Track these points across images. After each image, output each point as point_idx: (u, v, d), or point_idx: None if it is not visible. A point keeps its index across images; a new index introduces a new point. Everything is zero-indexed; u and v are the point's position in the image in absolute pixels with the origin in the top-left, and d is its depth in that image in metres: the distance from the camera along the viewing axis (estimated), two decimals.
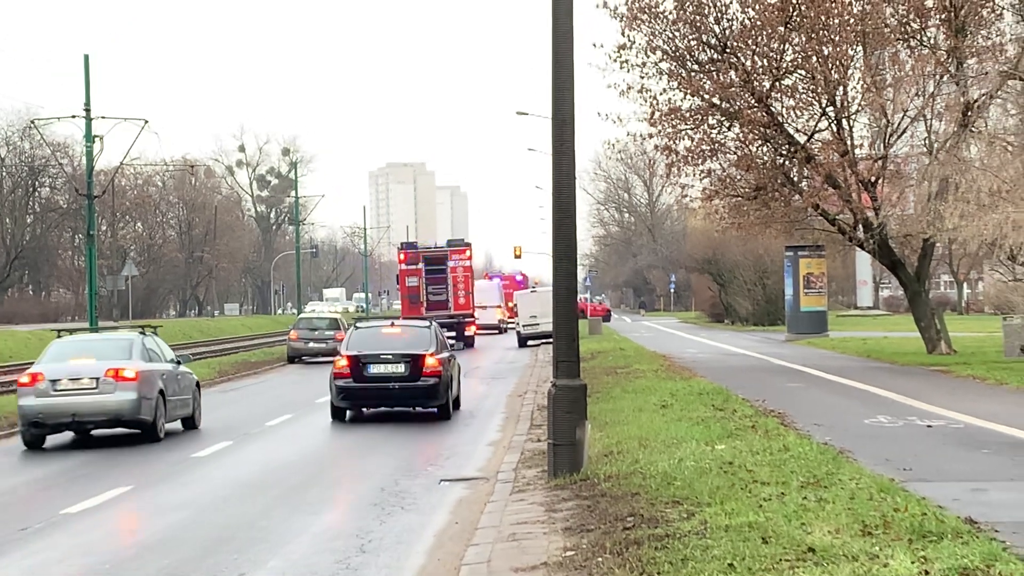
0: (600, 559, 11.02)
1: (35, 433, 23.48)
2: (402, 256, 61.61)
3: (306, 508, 15.91)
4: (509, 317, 79.71)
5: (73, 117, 51.25)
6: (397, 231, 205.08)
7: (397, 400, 27.56)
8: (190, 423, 26.16)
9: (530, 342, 63.33)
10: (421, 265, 60.16)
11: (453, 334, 55.76)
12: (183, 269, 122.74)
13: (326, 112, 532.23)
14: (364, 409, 28.31)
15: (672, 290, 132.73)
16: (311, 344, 52.16)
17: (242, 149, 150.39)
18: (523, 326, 65.63)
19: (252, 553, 13.11)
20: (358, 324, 30.07)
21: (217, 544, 13.66)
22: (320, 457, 21.85)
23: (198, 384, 27.16)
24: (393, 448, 22.69)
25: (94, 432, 24.44)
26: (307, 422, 27.71)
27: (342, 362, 27.20)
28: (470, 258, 62.33)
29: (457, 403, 29.31)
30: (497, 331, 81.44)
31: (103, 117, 51.38)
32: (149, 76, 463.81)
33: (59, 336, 26.21)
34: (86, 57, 49.26)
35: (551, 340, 17.13)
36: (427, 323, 30.05)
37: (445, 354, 28.45)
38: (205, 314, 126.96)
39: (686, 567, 10.32)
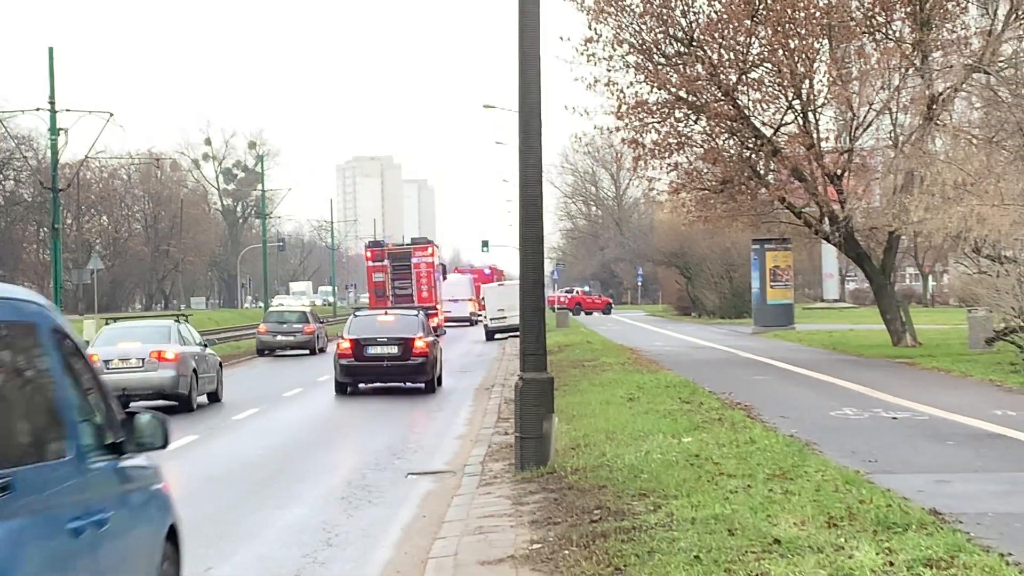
0: (567, 552, 11.03)
1: None
2: (369, 254, 65.75)
3: (273, 502, 15.89)
4: (479, 310, 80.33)
5: (37, 110, 50.88)
6: (364, 225, 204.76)
7: (391, 376, 32.10)
8: (215, 397, 30.52)
9: (497, 335, 63.36)
10: (387, 262, 64.01)
11: None
12: (149, 263, 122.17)
13: (293, 105, 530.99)
14: (361, 384, 32.39)
15: (639, 283, 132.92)
16: (279, 337, 52.28)
17: (208, 142, 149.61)
18: (491, 319, 65.69)
19: (219, 547, 13.08)
20: (357, 313, 36.25)
21: (183, 538, 13.60)
22: (287, 451, 21.81)
23: (220, 364, 31.83)
24: (360, 442, 22.68)
25: None
26: (274, 416, 27.65)
27: (345, 344, 31.79)
28: (432, 255, 65.51)
29: (440, 380, 33.70)
30: (468, 323, 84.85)
31: (68, 110, 51.01)
32: (114, 69, 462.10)
33: (107, 324, 30.88)
34: (50, 50, 48.93)
35: (519, 333, 17.17)
36: (415, 312, 35.42)
37: (431, 338, 32.87)
38: (171, 307, 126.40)
39: (652, 559, 10.34)
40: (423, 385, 32.03)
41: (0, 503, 5.94)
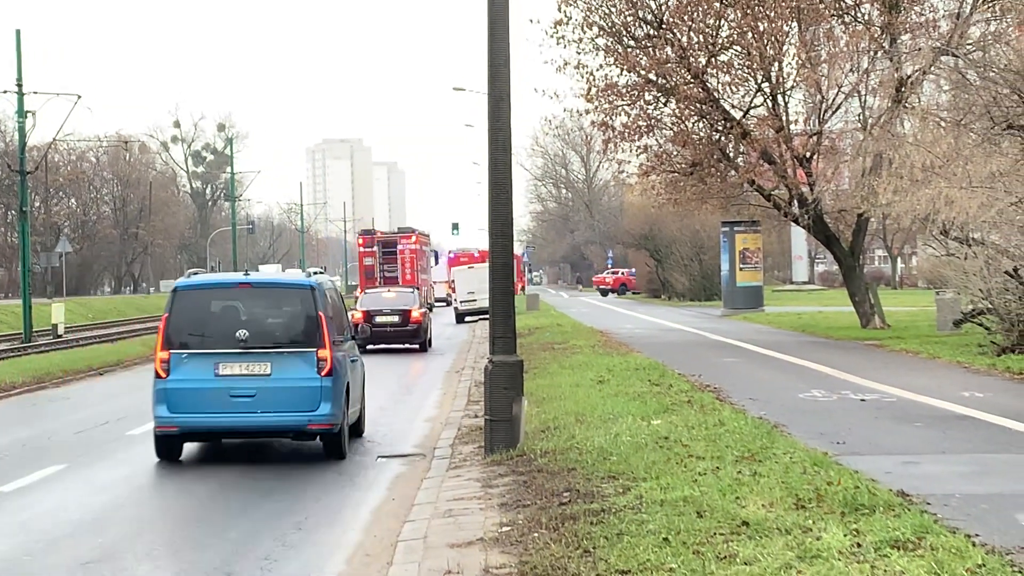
0: (536, 534, 11.04)
1: None
2: (361, 240, 74.43)
3: (242, 486, 15.85)
4: (452, 292, 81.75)
5: (4, 92, 50.59)
6: (334, 207, 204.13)
7: (393, 339, 40.79)
8: None
9: (467, 318, 63.38)
10: (376, 248, 71.95)
11: None
12: (118, 246, 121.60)
13: (262, 88, 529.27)
14: (369, 346, 39.05)
15: (609, 265, 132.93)
16: None
17: (177, 125, 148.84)
18: (460, 302, 65.73)
19: (187, 531, 13.05)
20: (367, 291, 46.73)
21: (152, 523, 13.58)
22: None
23: None
24: None
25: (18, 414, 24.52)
26: None
27: (358, 315, 39.98)
28: (416, 242, 73.31)
29: (430, 342, 43.03)
30: (446, 303, 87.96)
31: (35, 92, 50.81)
32: (82, 51, 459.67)
33: None
34: (17, 32, 48.64)
35: (488, 316, 17.18)
36: (411, 289, 45.29)
37: (424, 309, 42.40)
38: (141, 291, 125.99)
39: (621, 541, 10.36)
40: (418, 346, 41.25)
41: (341, 347, 18.49)
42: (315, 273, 19.09)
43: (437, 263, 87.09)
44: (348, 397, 18.30)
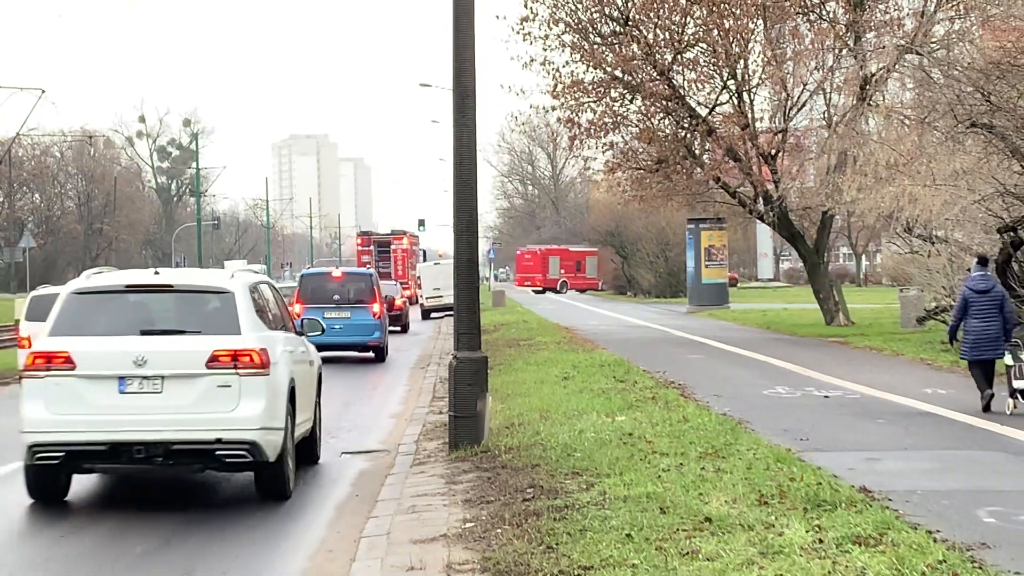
0: (499, 530, 11.04)
1: None
2: (360, 240, 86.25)
3: (206, 482, 15.79)
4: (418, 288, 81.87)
5: None
6: (300, 203, 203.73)
7: None
8: None
9: (433, 314, 63.32)
10: (372, 247, 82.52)
11: None
12: (82, 241, 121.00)
13: (228, 83, 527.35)
14: None
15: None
16: None
17: (142, 120, 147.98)
18: (426, 298, 65.60)
19: (154, 525, 12.98)
20: None
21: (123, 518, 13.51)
22: None
23: None
24: None
25: None
26: None
27: None
28: (408, 242, 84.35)
29: (408, 326, 52.56)
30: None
31: None
32: (46, 45, 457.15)
33: None
34: None
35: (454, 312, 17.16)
36: (396, 283, 56.27)
37: (405, 299, 53.39)
38: None
39: (584, 537, 10.37)
40: (400, 328, 49.76)
41: (383, 305, 35.48)
42: (367, 266, 34.18)
43: (425, 260, 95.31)
44: (386, 329, 35.15)
